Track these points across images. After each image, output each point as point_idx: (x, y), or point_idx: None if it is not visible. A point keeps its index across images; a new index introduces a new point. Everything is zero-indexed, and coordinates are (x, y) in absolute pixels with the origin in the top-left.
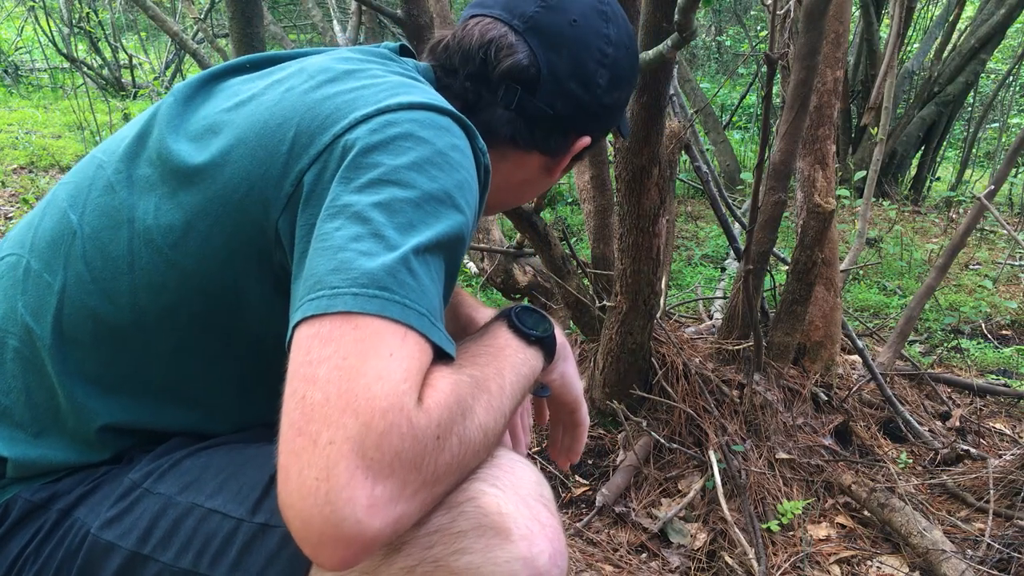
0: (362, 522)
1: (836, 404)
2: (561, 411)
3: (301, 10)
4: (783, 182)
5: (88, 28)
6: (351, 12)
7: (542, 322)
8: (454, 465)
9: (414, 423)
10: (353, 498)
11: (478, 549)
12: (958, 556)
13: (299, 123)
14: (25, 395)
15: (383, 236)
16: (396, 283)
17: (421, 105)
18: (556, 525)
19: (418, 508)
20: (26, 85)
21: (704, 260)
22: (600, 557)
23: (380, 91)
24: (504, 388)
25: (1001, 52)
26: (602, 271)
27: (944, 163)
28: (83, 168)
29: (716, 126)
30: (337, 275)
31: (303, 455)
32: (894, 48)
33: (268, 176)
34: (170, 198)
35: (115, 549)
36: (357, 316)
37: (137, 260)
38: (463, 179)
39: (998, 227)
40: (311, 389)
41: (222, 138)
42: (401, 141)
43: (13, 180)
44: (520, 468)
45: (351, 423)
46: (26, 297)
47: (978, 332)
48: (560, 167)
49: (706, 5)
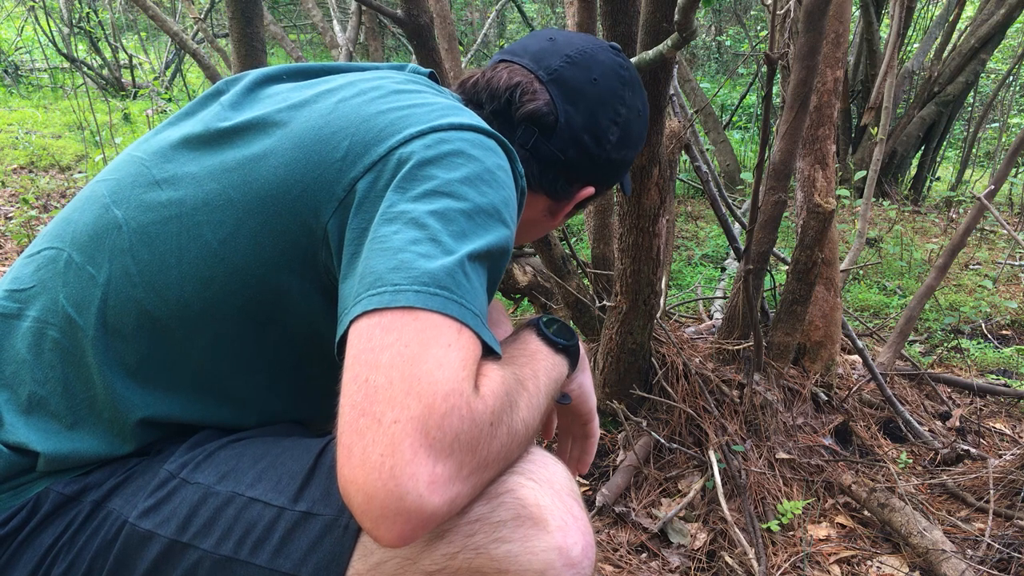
0: (423, 497)
1: (836, 404)
2: (574, 422)
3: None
4: (783, 182)
5: (88, 28)
6: (351, 12)
7: (566, 331)
8: (502, 453)
9: (472, 408)
10: (417, 474)
11: (517, 538)
12: (958, 556)
13: (354, 133)
14: (63, 385)
15: (439, 241)
16: (454, 283)
17: (471, 127)
18: (587, 520)
19: (470, 491)
20: (26, 85)
21: (704, 260)
22: (600, 557)
23: (432, 111)
24: (540, 388)
25: (1001, 52)
26: (602, 271)
27: (944, 163)
28: (123, 166)
29: (716, 126)
30: (398, 273)
31: (367, 433)
32: (894, 48)
33: (321, 181)
34: (219, 195)
35: (154, 537)
36: (419, 311)
37: (186, 254)
38: (508, 196)
39: (998, 227)
40: (374, 373)
41: (275, 138)
42: (454, 157)
43: (13, 180)
44: (552, 464)
45: (415, 404)
46: (68, 289)
47: (978, 332)
48: (563, 212)
49: (706, 5)
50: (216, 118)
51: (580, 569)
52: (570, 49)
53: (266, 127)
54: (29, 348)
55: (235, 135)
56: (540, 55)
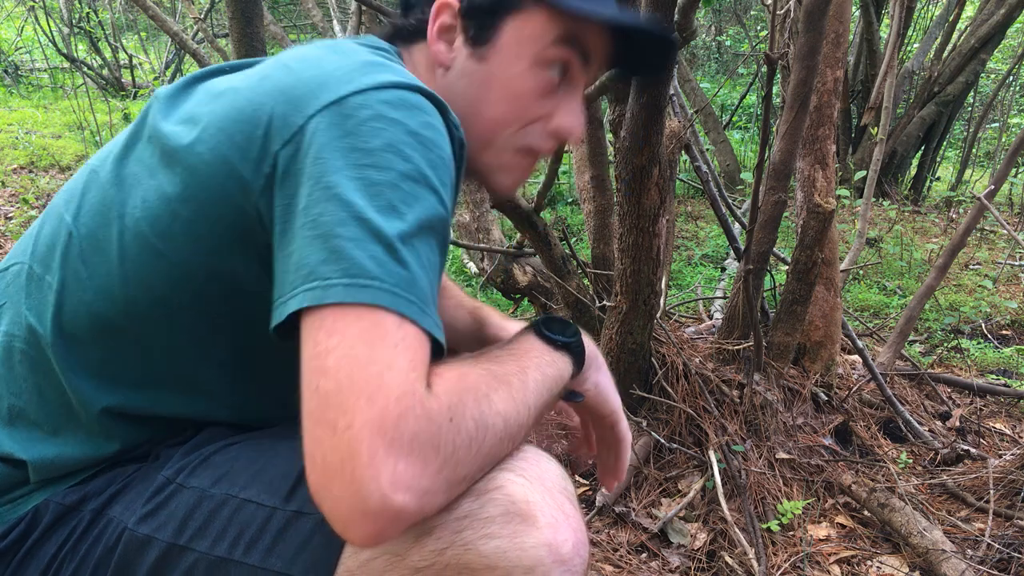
0: (387, 496)
1: (836, 404)
2: (601, 426)
3: (301, 10)
4: (783, 182)
5: (88, 28)
6: (351, 12)
7: (568, 328)
8: (474, 447)
9: (427, 406)
10: (377, 474)
11: (506, 534)
12: (958, 556)
13: (273, 106)
14: (37, 395)
15: (367, 220)
16: (386, 272)
17: (391, 84)
18: (579, 517)
19: (444, 487)
20: (26, 85)
21: (704, 260)
22: (600, 557)
23: (350, 71)
24: (527, 383)
25: (1001, 52)
26: (602, 271)
27: (944, 163)
28: (79, 176)
29: (716, 126)
30: (328, 265)
31: (325, 442)
32: (894, 48)
33: (246, 159)
34: (155, 190)
35: (152, 542)
36: (351, 307)
37: (127, 253)
38: (436, 157)
39: (998, 227)
40: (323, 379)
41: (200, 126)
42: (374, 122)
43: (13, 180)
44: (545, 462)
45: (366, 408)
46: (30, 300)
47: (978, 332)
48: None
49: (706, 5)
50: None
51: (571, 566)
52: None
53: (194, 118)
54: (2, 362)
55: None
56: None
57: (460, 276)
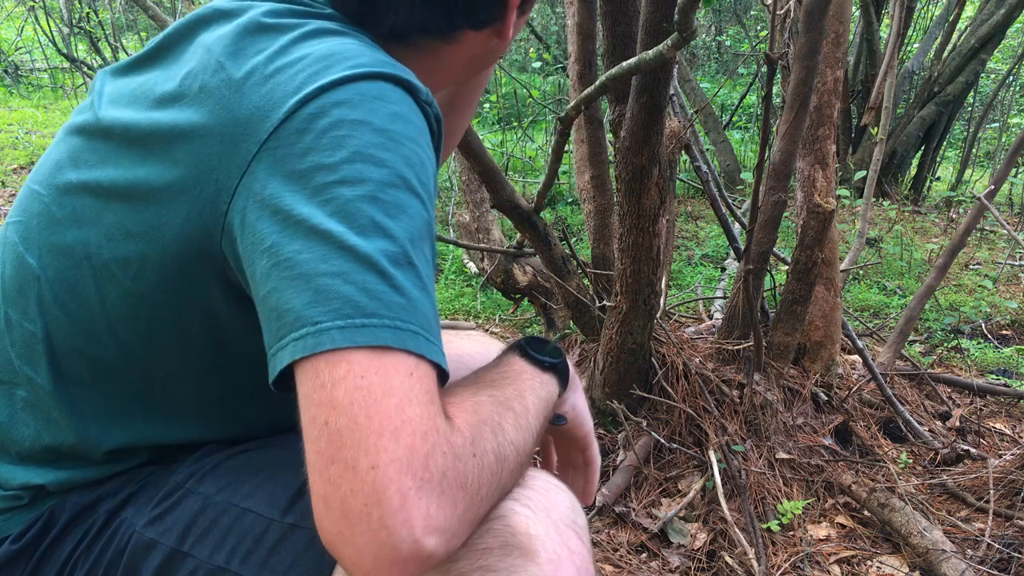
0: (419, 542)
1: (836, 404)
2: (572, 449)
3: None
4: (783, 182)
5: (88, 28)
6: None
7: (552, 349)
8: (494, 482)
9: (452, 442)
10: (410, 520)
11: (502, 568)
12: (958, 556)
13: (221, 134)
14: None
15: (349, 248)
16: (382, 305)
17: (344, 79)
18: (586, 554)
19: (467, 527)
20: (26, 85)
21: (704, 260)
22: (600, 557)
23: (295, 73)
24: (528, 408)
25: (1001, 52)
26: (602, 271)
27: (944, 163)
28: (24, 202)
29: (716, 126)
30: (316, 308)
31: (343, 483)
32: (894, 48)
33: (201, 199)
34: (117, 227)
35: (156, 546)
36: (352, 351)
37: (107, 297)
38: (411, 152)
39: (998, 227)
40: (333, 414)
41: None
42: (334, 132)
43: (13, 180)
44: (555, 492)
45: (392, 446)
46: (16, 349)
47: (978, 332)
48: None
49: (706, 5)
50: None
51: None
52: None
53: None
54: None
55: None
56: None
57: (460, 276)
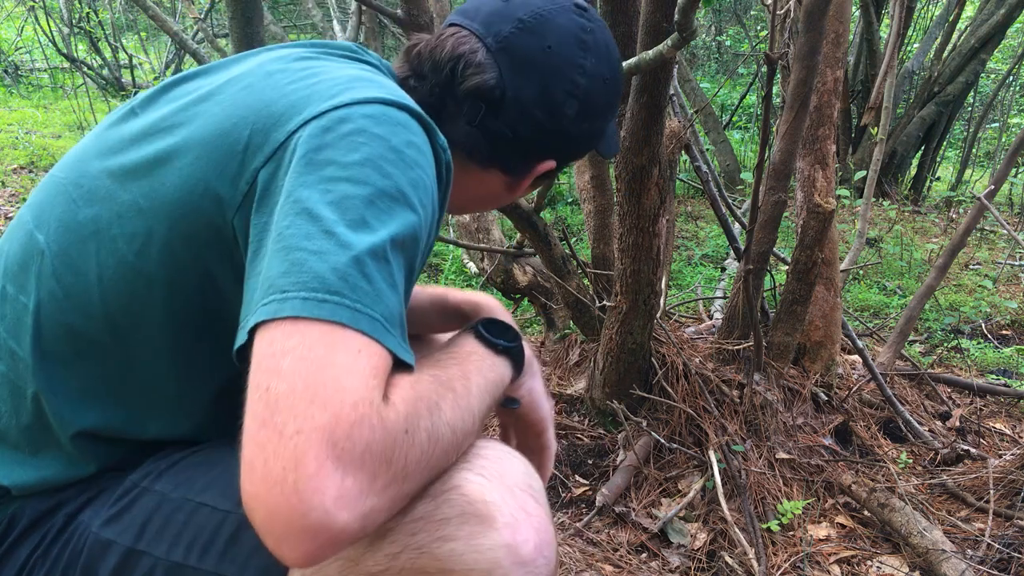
0: (330, 512)
1: (836, 404)
2: (528, 433)
3: (301, 10)
4: (783, 182)
5: (88, 28)
6: (351, 12)
7: (508, 332)
8: (423, 461)
9: (383, 416)
10: (321, 488)
11: (461, 536)
12: (958, 556)
13: (254, 122)
14: (16, 417)
15: (334, 234)
16: (348, 287)
17: (376, 100)
18: (543, 515)
19: (388, 504)
20: (26, 85)
21: (704, 260)
22: (600, 557)
23: (335, 85)
24: (470, 389)
25: (1001, 52)
26: (602, 271)
27: (944, 163)
28: (44, 187)
29: (716, 126)
30: (287, 277)
31: (268, 446)
32: (894, 48)
33: (224, 176)
34: (130, 205)
35: (112, 546)
36: (309, 322)
37: (105, 271)
38: (417, 177)
39: (998, 227)
40: (275, 380)
41: (179, 137)
42: (354, 137)
43: (13, 180)
44: (508, 458)
45: (319, 414)
46: (5, 322)
47: (978, 332)
48: (521, 187)
49: (706, 5)
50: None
51: (533, 568)
52: (524, 12)
53: (171, 127)
54: None
55: (142, 140)
56: (491, 18)
57: (460, 276)
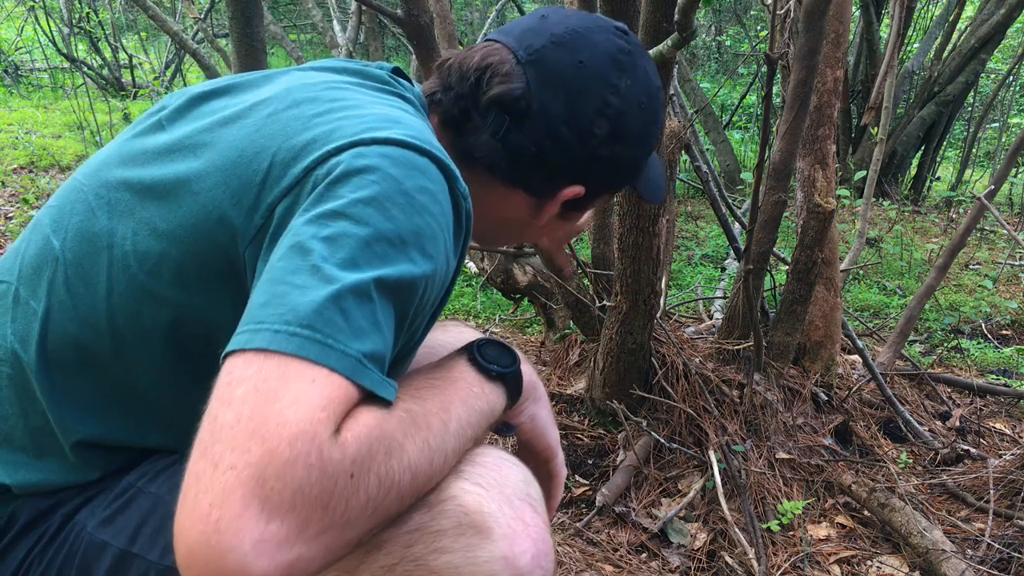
0: (247, 558)
1: (836, 404)
2: (534, 460)
3: (301, 10)
4: (783, 182)
5: (88, 28)
6: (351, 12)
7: (506, 356)
8: (370, 508)
9: (325, 455)
10: (241, 531)
11: (458, 548)
12: (958, 556)
13: (275, 153)
14: (23, 420)
15: (320, 269)
16: (322, 321)
17: (398, 142)
18: (541, 525)
19: (322, 552)
20: (26, 85)
21: (704, 260)
22: (600, 557)
23: (360, 123)
24: (448, 425)
25: (1001, 52)
26: (602, 271)
27: (944, 163)
28: (65, 191)
29: (716, 126)
30: (265, 309)
31: (203, 479)
32: (894, 48)
33: (240, 206)
34: (146, 223)
35: (107, 548)
36: (271, 353)
37: (115, 286)
38: (424, 225)
39: (998, 227)
40: (224, 409)
41: (202, 160)
42: (366, 175)
43: (13, 180)
44: (507, 467)
45: (255, 448)
46: (15, 324)
47: (978, 332)
48: (546, 212)
49: (706, 5)
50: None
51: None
52: (560, 28)
53: (195, 148)
54: None
55: (166, 156)
56: (526, 34)
57: (460, 276)
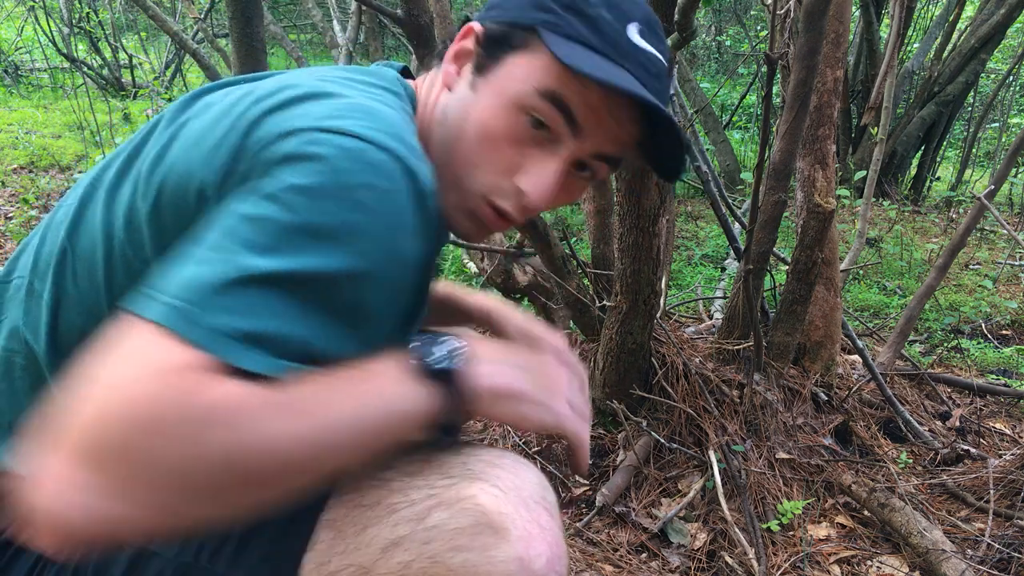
0: (50, 500)
1: (836, 404)
2: None
3: (301, 10)
4: (783, 182)
5: (88, 28)
6: (351, 12)
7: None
8: (205, 477)
9: (153, 413)
10: (50, 474)
11: (475, 547)
12: (958, 556)
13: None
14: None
15: (226, 249)
16: (205, 298)
17: (358, 136)
18: (556, 530)
19: (134, 509)
20: (26, 85)
21: (704, 260)
22: (600, 557)
23: (330, 109)
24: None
25: (1001, 52)
26: (602, 271)
27: (944, 163)
28: (80, 187)
29: (716, 126)
30: (163, 278)
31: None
32: (894, 48)
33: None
34: (137, 212)
35: None
36: (140, 319)
37: (114, 278)
38: (360, 222)
39: (998, 227)
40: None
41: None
42: (313, 163)
43: (13, 180)
44: (524, 471)
45: (87, 406)
46: (28, 316)
47: (978, 332)
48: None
49: (706, 5)
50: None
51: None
52: None
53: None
54: (3, 377)
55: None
56: None
57: (460, 276)
